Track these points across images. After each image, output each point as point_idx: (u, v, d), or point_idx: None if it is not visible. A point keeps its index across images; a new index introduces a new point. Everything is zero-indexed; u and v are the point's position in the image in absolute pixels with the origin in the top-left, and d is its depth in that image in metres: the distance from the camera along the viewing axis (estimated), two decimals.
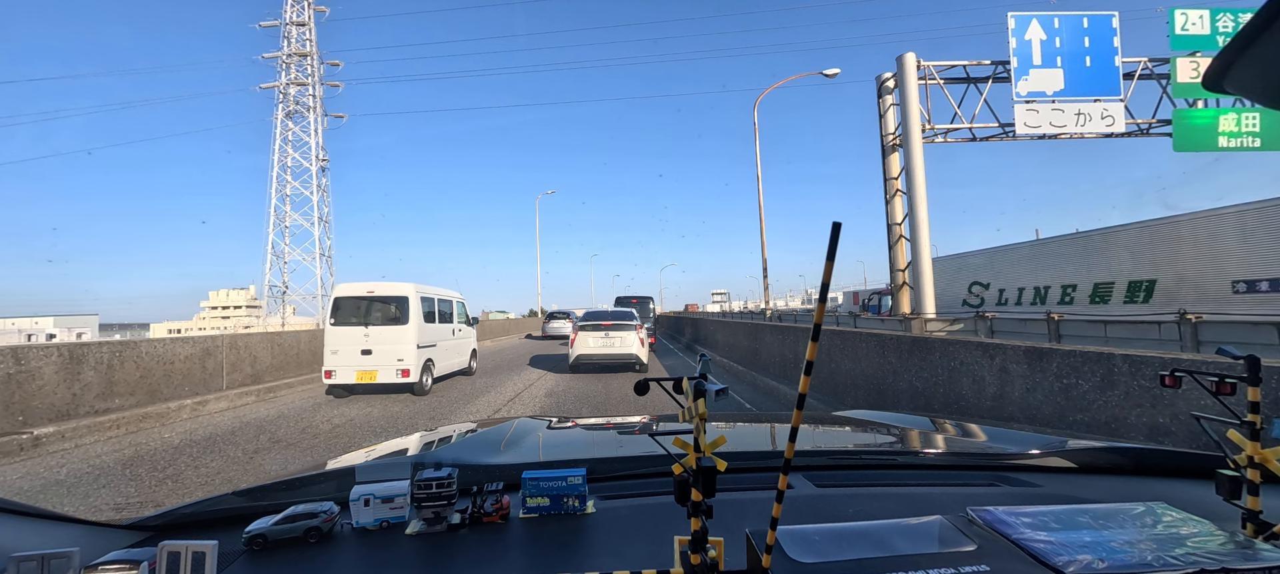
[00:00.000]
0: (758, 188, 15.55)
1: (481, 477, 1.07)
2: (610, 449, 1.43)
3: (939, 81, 16.03)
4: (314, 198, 35.26)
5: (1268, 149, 15.27)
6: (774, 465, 1.17)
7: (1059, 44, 15.34)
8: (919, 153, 15.66)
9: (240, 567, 0.80)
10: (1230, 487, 0.78)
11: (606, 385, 8.87)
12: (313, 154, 35.20)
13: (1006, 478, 1.13)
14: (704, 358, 0.72)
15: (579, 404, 7.48)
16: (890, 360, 5.10)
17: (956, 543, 0.69)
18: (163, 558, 0.70)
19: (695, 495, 0.64)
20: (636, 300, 21.84)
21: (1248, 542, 0.67)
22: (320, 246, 35.56)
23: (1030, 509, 0.79)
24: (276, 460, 4.74)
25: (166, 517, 0.98)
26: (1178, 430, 2.58)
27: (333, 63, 36.71)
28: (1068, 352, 3.23)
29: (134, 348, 6.82)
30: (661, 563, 0.76)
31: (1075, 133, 15.44)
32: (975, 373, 3.97)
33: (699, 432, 0.65)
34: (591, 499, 0.99)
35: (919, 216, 15.61)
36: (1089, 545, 0.67)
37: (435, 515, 0.90)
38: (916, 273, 15.72)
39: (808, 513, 0.94)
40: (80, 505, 3.72)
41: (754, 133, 15.46)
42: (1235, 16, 14.91)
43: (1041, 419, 3.37)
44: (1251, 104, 14.06)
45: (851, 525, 0.75)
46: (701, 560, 0.65)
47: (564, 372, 10.82)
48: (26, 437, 5.19)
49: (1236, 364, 0.75)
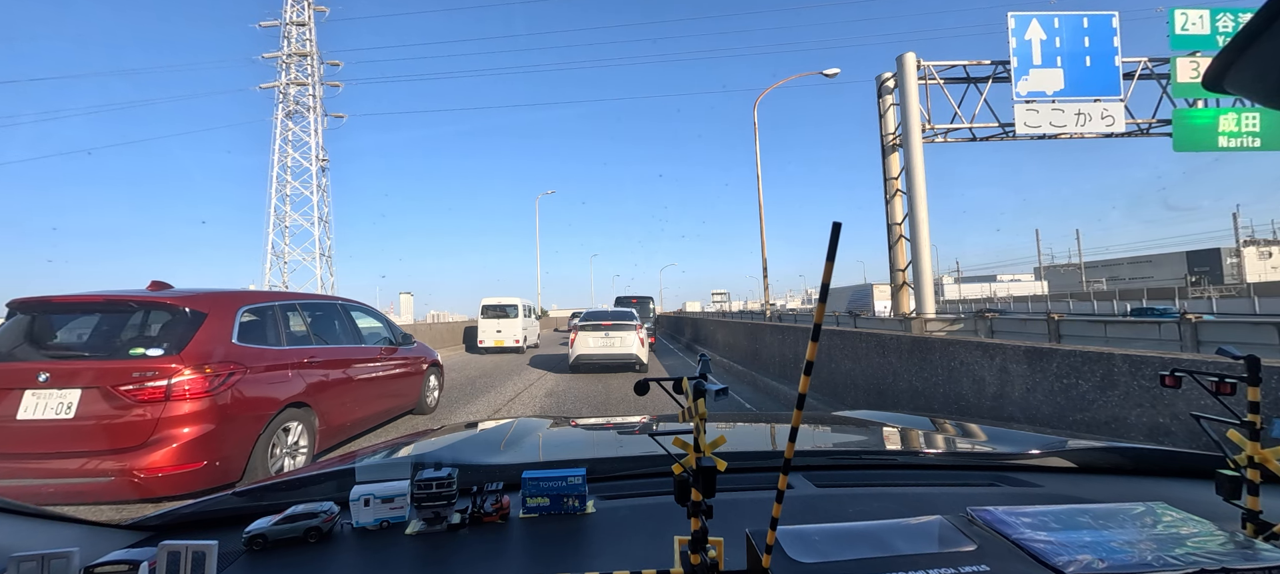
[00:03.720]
0: (758, 187, 15.57)
1: (481, 477, 1.07)
2: (610, 449, 1.43)
3: (939, 81, 16.04)
4: (314, 198, 35.27)
5: (1268, 149, 15.28)
6: (774, 465, 1.17)
7: (1059, 44, 15.35)
8: (919, 153, 15.66)
9: (240, 567, 0.80)
10: (1230, 487, 0.78)
11: (606, 385, 8.87)
12: (313, 154, 35.22)
13: (1006, 478, 1.13)
14: (704, 358, 0.72)
15: (579, 404, 7.48)
16: (890, 360, 5.10)
17: (956, 543, 0.69)
18: (163, 558, 0.70)
19: (695, 495, 0.64)
20: (636, 300, 21.84)
21: (1248, 542, 0.67)
22: (320, 246, 35.56)
23: (1030, 509, 0.79)
24: None
25: (166, 517, 0.98)
26: (1178, 430, 2.58)
27: (333, 63, 36.72)
28: (1068, 352, 3.23)
29: None
30: (661, 563, 0.76)
31: (1075, 133, 15.44)
32: (975, 373, 3.97)
33: (699, 432, 0.65)
34: (591, 499, 0.99)
35: (919, 216, 15.62)
36: (1089, 545, 0.67)
37: (435, 515, 0.91)
38: (916, 273, 15.72)
39: (808, 513, 0.94)
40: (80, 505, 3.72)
41: (754, 132, 15.48)
42: (1235, 16, 14.92)
43: (1041, 419, 3.37)
44: (1251, 104, 14.06)
45: (851, 525, 0.75)
46: (701, 560, 0.65)
47: (564, 372, 10.81)
48: None
49: (1236, 364, 0.75)
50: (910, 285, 15.97)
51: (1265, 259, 39.22)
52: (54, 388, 3.19)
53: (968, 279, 61.49)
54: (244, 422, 3.66)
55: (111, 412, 3.19)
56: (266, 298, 4.44)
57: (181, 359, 3.39)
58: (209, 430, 3.38)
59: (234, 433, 3.57)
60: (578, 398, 7.93)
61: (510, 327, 16.05)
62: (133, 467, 3.13)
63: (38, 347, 3.49)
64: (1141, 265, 45.38)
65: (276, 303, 4.48)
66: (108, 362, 3.32)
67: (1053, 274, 52.32)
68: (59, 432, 3.14)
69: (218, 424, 3.44)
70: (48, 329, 3.65)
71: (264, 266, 34.68)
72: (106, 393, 3.19)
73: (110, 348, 3.47)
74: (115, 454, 3.14)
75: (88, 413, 3.16)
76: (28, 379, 3.20)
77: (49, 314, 3.67)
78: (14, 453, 3.12)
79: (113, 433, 3.17)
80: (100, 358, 3.37)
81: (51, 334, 3.62)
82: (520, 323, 16.20)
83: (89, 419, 3.16)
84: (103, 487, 3.13)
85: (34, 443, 3.11)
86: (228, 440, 3.51)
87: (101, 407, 3.18)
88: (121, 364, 3.30)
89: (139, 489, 3.16)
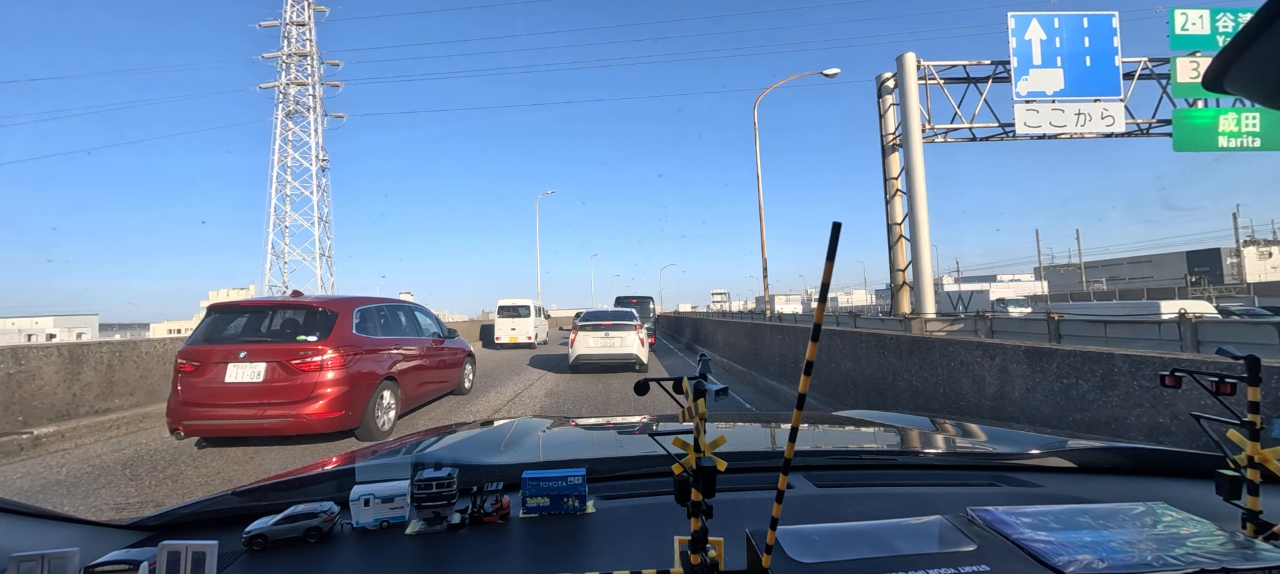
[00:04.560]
0: (758, 187, 15.56)
1: (481, 477, 1.07)
2: (610, 449, 1.43)
3: (939, 81, 16.03)
4: (314, 198, 35.26)
5: (1268, 149, 15.27)
6: (774, 465, 1.17)
7: (1059, 44, 15.34)
8: (919, 153, 15.66)
9: (240, 567, 0.80)
10: (1230, 487, 0.78)
11: (606, 385, 8.86)
12: (313, 154, 35.20)
13: (1006, 478, 1.13)
14: (704, 358, 0.72)
15: (579, 404, 7.48)
16: (890, 360, 5.10)
17: (956, 543, 0.69)
18: (163, 558, 0.70)
19: (695, 495, 0.64)
20: (636, 300, 21.84)
21: (1248, 542, 0.67)
22: (320, 246, 35.55)
23: (1030, 509, 0.79)
24: (276, 460, 4.74)
25: (166, 517, 0.98)
26: (1178, 430, 2.58)
27: (333, 63, 36.69)
28: (1068, 352, 3.23)
29: (134, 348, 6.82)
30: (661, 563, 0.76)
31: (1075, 133, 15.44)
32: (975, 373, 3.97)
33: (699, 432, 0.65)
34: (591, 499, 0.99)
35: (919, 216, 15.61)
36: (1089, 545, 0.67)
37: (435, 515, 0.91)
38: (916, 273, 15.72)
39: (808, 513, 0.94)
40: (80, 505, 3.72)
41: (754, 132, 15.47)
42: (1235, 16, 14.92)
43: (1041, 419, 3.37)
44: (1251, 104, 14.06)
45: (851, 525, 0.75)
46: (701, 560, 0.65)
47: (564, 372, 10.81)
48: (26, 437, 5.19)
49: (1236, 364, 0.75)
50: (910, 285, 15.97)
51: (1265, 259, 39.21)
52: (249, 361, 4.83)
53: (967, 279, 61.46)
54: (362, 388, 5.20)
55: (286, 377, 4.79)
56: (367, 301, 5.90)
57: (327, 343, 4.99)
58: (345, 391, 4.96)
59: (357, 395, 5.11)
60: (578, 398, 7.92)
61: (523, 325, 18.24)
62: (300, 413, 4.70)
63: (233, 335, 5.14)
64: (1141, 265, 45.36)
65: (372, 305, 5.96)
66: (283, 344, 4.95)
67: (1053, 274, 52.30)
68: (253, 390, 4.74)
69: (349, 388, 5.01)
70: (236, 323, 5.27)
71: (264, 266, 34.67)
72: (283, 365, 4.83)
73: (283, 335, 5.11)
74: (289, 405, 4.72)
75: (271, 378, 4.78)
76: (232, 355, 4.83)
77: (235, 314, 5.34)
78: (225, 402, 4.70)
79: (287, 391, 4.76)
80: (278, 342, 4.99)
81: (240, 326, 5.24)
82: (531, 322, 18.33)
83: (272, 382, 4.76)
84: (281, 425, 4.67)
85: (238, 397, 4.72)
86: (355, 399, 5.07)
87: (280, 374, 4.80)
88: (292, 346, 4.93)
89: (304, 428, 4.73)
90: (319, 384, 4.81)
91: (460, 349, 7.93)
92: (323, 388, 4.82)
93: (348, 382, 4.97)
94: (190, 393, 4.76)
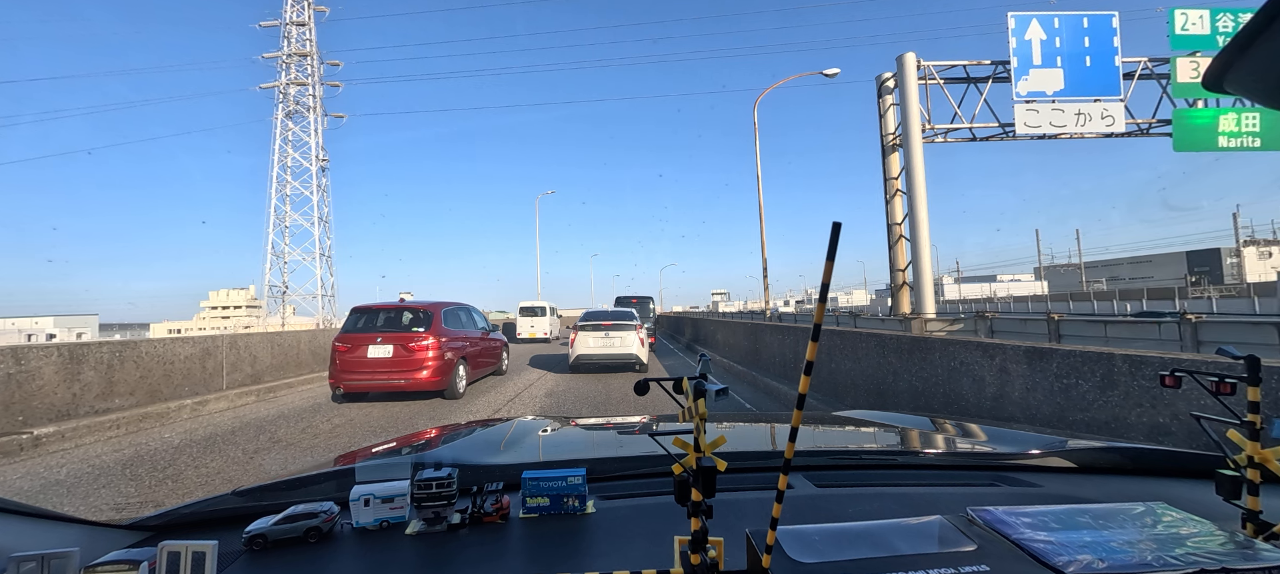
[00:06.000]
0: (758, 187, 15.56)
1: (481, 477, 1.07)
2: (610, 449, 1.43)
3: (939, 81, 16.03)
4: (314, 198, 35.26)
5: (1268, 149, 15.27)
6: (774, 465, 1.17)
7: (1059, 44, 15.33)
8: (919, 153, 15.65)
9: (240, 567, 0.80)
10: (1230, 487, 0.78)
11: (606, 385, 8.86)
12: (313, 154, 35.20)
13: (1006, 478, 1.13)
14: (704, 358, 0.72)
15: (579, 404, 7.48)
16: (890, 360, 5.10)
17: (956, 543, 0.69)
18: (163, 558, 0.70)
19: (695, 495, 0.64)
20: (636, 300, 21.85)
21: (1248, 542, 0.67)
22: (320, 246, 35.57)
23: (1030, 509, 0.79)
24: (276, 460, 4.74)
25: (166, 517, 0.98)
26: (1178, 430, 2.58)
27: (333, 63, 36.72)
28: (1068, 352, 3.23)
29: (134, 348, 6.82)
30: (661, 563, 0.76)
31: (1075, 133, 15.44)
32: (975, 373, 3.97)
33: (699, 432, 0.65)
34: (591, 499, 0.99)
35: (919, 216, 15.61)
36: (1089, 545, 0.67)
37: (435, 515, 0.90)
38: (916, 273, 15.72)
39: (808, 513, 0.94)
40: (80, 505, 3.72)
41: (754, 133, 15.47)
42: (1235, 16, 14.91)
43: (1041, 419, 3.37)
44: (1251, 104, 14.07)
45: (851, 525, 0.75)
46: (701, 560, 0.65)
47: (564, 371, 10.81)
48: (27, 436, 5.19)
49: (1236, 364, 0.75)
50: (910, 285, 15.97)
51: (1265, 259, 39.20)
52: (382, 344, 7.53)
53: (968, 279, 61.46)
54: (449, 365, 7.81)
55: (406, 354, 7.47)
56: (449, 304, 8.67)
57: (429, 332, 7.68)
58: (440, 363, 7.61)
59: (447, 367, 7.76)
60: (578, 398, 7.92)
61: (540, 323, 21.89)
62: (414, 378, 7.38)
63: (370, 326, 7.83)
64: (1141, 265, 45.37)
65: (451, 307, 8.71)
66: (402, 333, 7.66)
67: (1053, 274, 52.29)
68: (384, 363, 7.44)
69: (442, 362, 7.66)
70: (369, 318, 7.96)
71: (264, 266, 34.68)
72: (403, 346, 7.51)
73: (402, 326, 7.84)
74: (408, 372, 7.40)
75: (396, 355, 7.46)
76: (372, 340, 7.55)
77: (368, 313, 8.04)
78: (367, 370, 7.41)
79: (406, 363, 7.43)
80: (399, 331, 7.68)
81: (374, 320, 7.91)
82: (547, 320, 22.15)
83: (396, 357, 7.45)
84: (403, 385, 7.35)
85: (375, 367, 7.44)
86: (446, 370, 7.74)
87: (401, 352, 7.48)
88: (408, 334, 7.62)
89: (416, 386, 7.41)
90: (425, 360, 7.46)
91: (500, 341, 10.56)
92: (428, 362, 7.46)
93: (441, 358, 7.60)
94: (345, 364, 7.46)
